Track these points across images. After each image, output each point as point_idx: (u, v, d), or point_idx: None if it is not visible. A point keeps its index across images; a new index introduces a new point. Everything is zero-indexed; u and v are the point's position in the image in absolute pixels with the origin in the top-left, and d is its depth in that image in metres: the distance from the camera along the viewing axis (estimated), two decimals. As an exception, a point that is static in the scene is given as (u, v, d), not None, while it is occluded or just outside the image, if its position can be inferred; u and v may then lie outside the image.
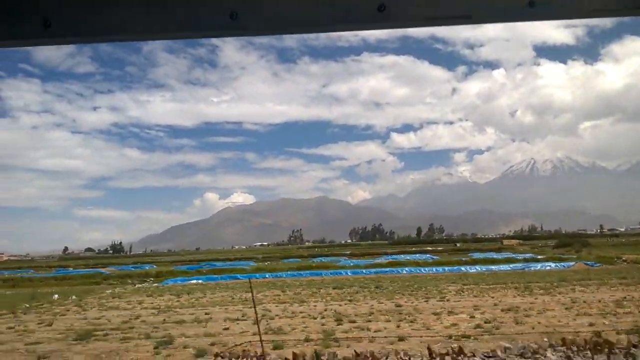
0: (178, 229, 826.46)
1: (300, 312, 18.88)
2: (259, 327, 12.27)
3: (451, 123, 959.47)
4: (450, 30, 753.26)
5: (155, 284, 42.13)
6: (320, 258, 77.21)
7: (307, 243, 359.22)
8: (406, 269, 42.89)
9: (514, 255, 52.33)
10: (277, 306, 21.48)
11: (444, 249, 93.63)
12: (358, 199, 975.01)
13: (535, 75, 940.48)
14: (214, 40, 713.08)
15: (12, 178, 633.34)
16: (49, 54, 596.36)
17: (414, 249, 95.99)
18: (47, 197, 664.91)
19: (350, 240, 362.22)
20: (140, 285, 41.07)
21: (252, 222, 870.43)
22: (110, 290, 36.31)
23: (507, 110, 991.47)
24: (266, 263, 72.49)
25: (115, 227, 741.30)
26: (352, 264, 52.78)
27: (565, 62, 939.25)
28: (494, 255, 54.86)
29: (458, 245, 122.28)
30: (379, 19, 1.18)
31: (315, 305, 21.11)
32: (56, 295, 31.37)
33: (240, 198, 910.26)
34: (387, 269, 43.33)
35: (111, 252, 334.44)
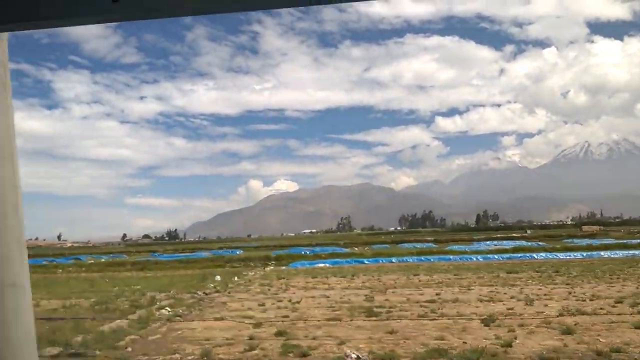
0: (224, 216, 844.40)
1: (560, 296, 18.20)
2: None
3: (499, 105, 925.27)
4: (497, 8, 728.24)
5: (283, 267, 42.78)
6: (405, 244, 76.20)
7: (355, 230, 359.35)
8: (542, 254, 41.75)
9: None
10: (511, 289, 21.02)
11: (530, 235, 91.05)
12: (402, 185, 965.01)
13: (588, 53, 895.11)
14: (256, 27, 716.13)
15: (65, 167, 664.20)
16: (96, 45, 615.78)
17: (499, 235, 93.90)
18: (99, 186, 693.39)
19: (399, 227, 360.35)
20: (270, 268, 41.70)
21: (295, 209, 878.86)
22: (253, 272, 37.05)
23: (558, 91, 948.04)
24: (355, 249, 72.34)
25: (164, 215, 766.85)
26: (469, 250, 52.02)
27: (621, 39, 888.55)
28: (625, 242, 52.76)
29: (529, 232, 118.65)
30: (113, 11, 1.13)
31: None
32: (218, 277, 32.21)
33: (284, 185, 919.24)
34: (519, 255, 42.31)
35: (167, 238, 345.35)
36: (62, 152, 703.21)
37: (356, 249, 73.27)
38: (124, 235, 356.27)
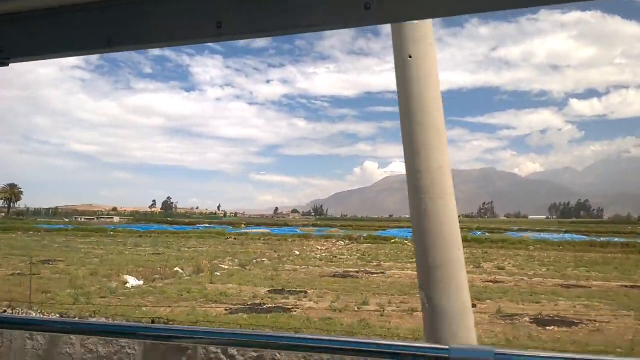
0: (342, 196, 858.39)
1: None
2: None
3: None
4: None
5: None
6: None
7: (499, 217, 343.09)
8: None
9: None
10: None
11: None
12: (527, 172, 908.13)
13: None
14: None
15: (199, 144, 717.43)
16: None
17: None
18: (228, 162, 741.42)
19: (549, 217, 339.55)
20: None
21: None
22: None
23: None
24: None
25: (283, 192, 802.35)
26: None
27: None
28: None
29: None
30: (365, 17, 1.25)
31: None
32: None
33: (399, 167, 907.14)
34: None
35: (313, 214, 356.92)
36: (197, 131, 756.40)
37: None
38: (276, 209, 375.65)
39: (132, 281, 17.91)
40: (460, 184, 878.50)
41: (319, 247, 42.61)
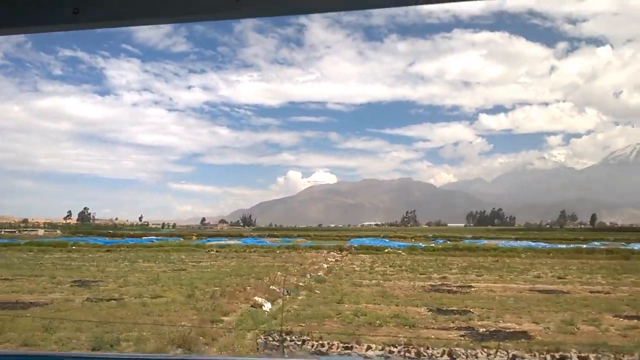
0: (265, 205, 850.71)
1: None
2: None
3: (546, 104, 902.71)
4: (550, 4, 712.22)
5: None
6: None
7: (421, 225, 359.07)
8: None
9: None
10: None
11: None
12: (442, 182, 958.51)
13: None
14: (302, 19, 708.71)
15: (113, 151, 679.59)
16: (148, 34, 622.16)
17: None
18: (144, 170, 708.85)
19: (467, 224, 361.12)
20: None
21: (335, 202, 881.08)
22: None
23: (611, 91, 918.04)
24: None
25: (204, 201, 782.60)
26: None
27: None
28: None
29: None
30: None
31: None
32: None
33: (322, 177, 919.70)
34: None
35: (242, 224, 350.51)
36: (111, 137, 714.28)
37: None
38: (203, 219, 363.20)
39: (266, 304, 15.26)
40: (380, 194, 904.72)
41: (332, 260, 40.61)
